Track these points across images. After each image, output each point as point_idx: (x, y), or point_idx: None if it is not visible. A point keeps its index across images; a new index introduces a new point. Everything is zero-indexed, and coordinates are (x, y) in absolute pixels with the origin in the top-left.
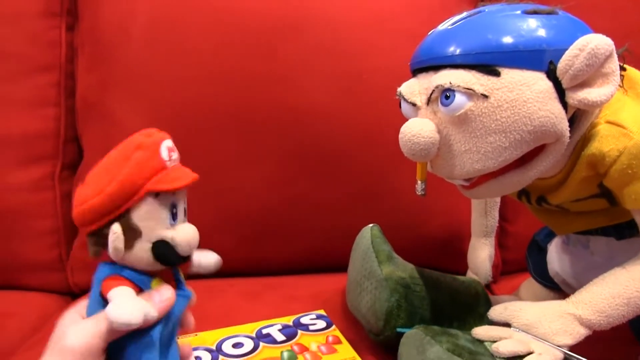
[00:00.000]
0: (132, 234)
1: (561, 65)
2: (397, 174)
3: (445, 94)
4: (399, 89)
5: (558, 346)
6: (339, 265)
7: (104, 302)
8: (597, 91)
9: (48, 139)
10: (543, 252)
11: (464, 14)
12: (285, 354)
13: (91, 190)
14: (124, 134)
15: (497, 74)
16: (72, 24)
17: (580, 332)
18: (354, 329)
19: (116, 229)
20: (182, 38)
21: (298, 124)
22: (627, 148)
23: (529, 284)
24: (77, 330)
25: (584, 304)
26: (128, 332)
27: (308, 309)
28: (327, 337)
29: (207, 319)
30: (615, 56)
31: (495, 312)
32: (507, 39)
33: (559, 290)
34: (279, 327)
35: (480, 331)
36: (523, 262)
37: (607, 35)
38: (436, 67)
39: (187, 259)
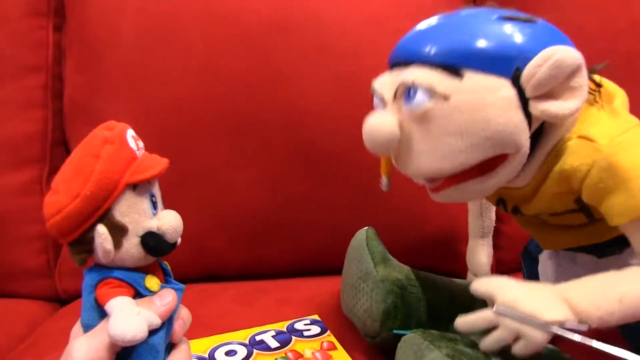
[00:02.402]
0: (118, 232)
1: (525, 73)
2: (393, 174)
3: (409, 91)
4: (372, 83)
5: (547, 322)
6: (334, 268)
7: (101, 309)
8: (560, 104)
9: (35, 142)
10: (535, 261)
11: (442, 15)
12: None
13: (65, 197)
14: None
15: (460, 76)
16: (60, 24)
17: (569, 315)
18: (349, 333)
19: (102, 230)
20: (174, 36)
21: (292, 124)
22: (596, 161)
23: None
24: (83, 344)
25: (574, 289)
26: None
27: (302, 313)
28: (322, 342)
29: (200, 324)
30: (584, 71)
31: (479, 285)
32: (475, 42)
33: None
34: (273, 333)
35: (461, 324)
36: (517, 261)
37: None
38: (407, 64)
39: (175, 246)
